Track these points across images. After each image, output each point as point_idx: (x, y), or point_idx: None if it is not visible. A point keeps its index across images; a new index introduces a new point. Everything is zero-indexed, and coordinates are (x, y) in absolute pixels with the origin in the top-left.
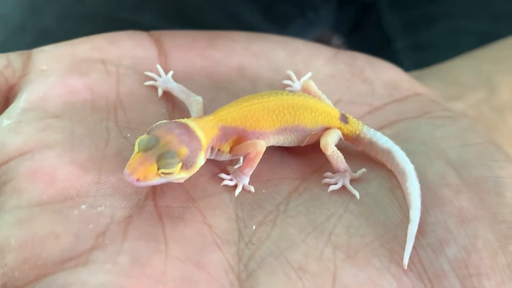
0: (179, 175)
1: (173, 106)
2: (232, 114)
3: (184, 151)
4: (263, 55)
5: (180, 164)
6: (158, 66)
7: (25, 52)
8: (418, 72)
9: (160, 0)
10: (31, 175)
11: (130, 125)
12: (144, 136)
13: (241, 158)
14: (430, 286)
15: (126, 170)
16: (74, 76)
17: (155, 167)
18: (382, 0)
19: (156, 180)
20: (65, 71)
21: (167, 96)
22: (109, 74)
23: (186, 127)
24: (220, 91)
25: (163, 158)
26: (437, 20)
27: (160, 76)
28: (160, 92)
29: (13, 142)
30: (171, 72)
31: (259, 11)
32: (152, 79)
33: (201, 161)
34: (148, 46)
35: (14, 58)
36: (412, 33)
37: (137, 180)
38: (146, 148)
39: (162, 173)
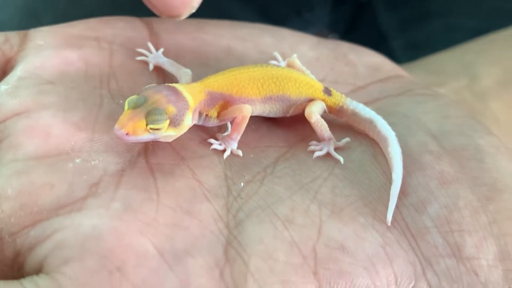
0: (167, 132)
1: (164, 79)
2: (219, 81)
3: (172, 109)
4: (250, 39)
5: (168, 121)
6: (149, 44)
7: (22, 31)
8: (403, 65)
9: None
10: (27, 132)
11: (122, 93)
12: (133, 96)
13: (229, 127)
14: (413, 241)
15: (116, 125)
16: (68, 49)
17: (144, 122)
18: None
19: (145, 136)
20: (60, 45)
21: (158, 70)
22: (102, 49)
23: (173, 89)
24: (208, 69)
25: (151, 115)
26: (432, 17)
27: (151, 52)
28: (151, 67)
29: (11, 103)
30: (161, 49)
31: (255, 11)
32: (144, 55)
33: (188, 120)
34: (140, 28)
35: (12, 35)
36: (408, 31)
37: (127, 134)
38: (135, 106)
39: (151, 128)
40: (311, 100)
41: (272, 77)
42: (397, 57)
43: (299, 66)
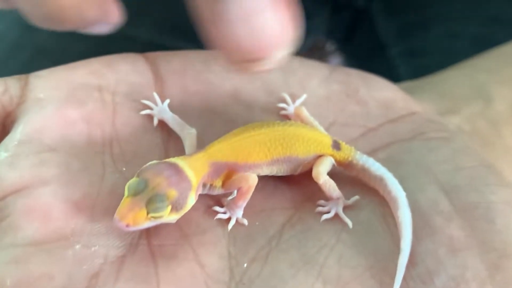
0: (169, 217)
1: (169, 135)
2: (223, 150)
3: (173, 193)
4: (258, 77)
5: (170, 207)
6: (155, 94)
7: (22, 76)
8: (413, 83)
9: (155, 13)
10: (27, 213)
11: (125, 157)
12: (133, 180)
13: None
14: None
15: (116, 216)
16: (70, 107)
17: (145, 211)
18: (376, 6)
19: (146, 224)
20: (62, 100)
21: (163, 125)
22: (105, 103)
23: (175, 168)
24: (215, 117)
25: (152, 203)
26: (431, 24)
27: (156, 105)
28: (155, 122)
29: (10, 177)
30: (167, 101)
31: None
32: (149, 107)
33: (191, 201)
34: (144, 71)
35: (12, 84)
36: (406, 38)
37: (127, 225)
38: (136, 193)
39: (152, 217)
40: (319, 156)
41: (279, 139)
42: (396, 64)
43: (307, 117)
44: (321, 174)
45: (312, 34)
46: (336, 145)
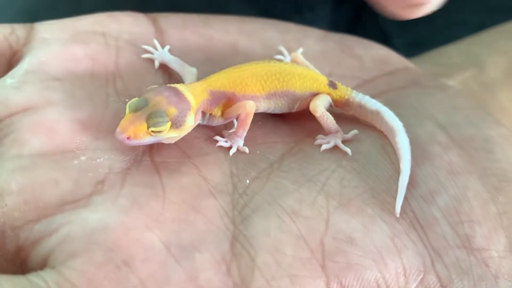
0: (169, 134)
1: (170, 77)
2: (221, 80)
3: (173, 110)
4: (256, 34)
5: (169, 123)
6: (155, 41)
7: (28, 24)
8: (410, 59)
9: (156, 7)
10: (33, 128)
11: (128, 92)
12: (134, 99)
13: (236, 124)
14: (422, 232)
15: (118, 129)
16: (75, 45)
17: (145, 125)
18: None
19: (147, 139)
20: (67, 40)
21: (164, 68)
22: (108, 46)
23: (175, 90)
24: (214, 66)
25: (152, 117)
26: (434, 14)
27: (157, 49)
28: (156, 64)
29: (17, 98)
30: (167, 47)
31: (256, 10)
32: (149, 52)
33: (190, 121)
34: (145, 24)
35: (18, 27)
36: (410, 29)
37: (128, 138)
38: (136, 109)
39: (152, 131)
40: (316, 94)
41: (276, 73)
42: (401, 55)
43: (303, 61)
44: (318, 106)
45: (315, 25)
46: (332, 84)
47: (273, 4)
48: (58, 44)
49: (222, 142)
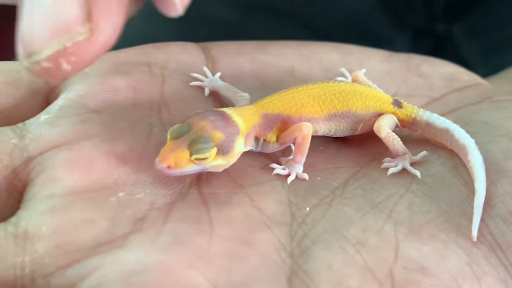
0: (215, 161)
1: (222, 105)
2: (274, 102)
3: (219, 135)
4: (315, 57)
5: (215, 149)
6: (205, 68)
7: None
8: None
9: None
10: (66, 164)
11: (174, 121)
12: (176, 125)
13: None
14: (503, 256)
15: (157, 159)
16: (116, 76)
17: (187, 153)
18: (457, 29)
19: (190, 168)
20: (108, 72)
21: (215, 96)
22: (153, 75)
23: (222, 114)
24: (269, 91)
25: (195, 143)
26: None
27: (207, 77)
28: (207, 92)
29: (50, 134)
30: (218, 73)
31: None
32: (199, 80)
33: (239, 146)
34: (195, 52)
35: None
36: (492, 58)
37: (168, 167)
38: (178, 136)
39: (196, 159)
40: (380, 114)
41: (335, 93)
42: None
43: (365, 80)
44: (383, 127)
45: None
46: (397, 103)
47: (349, 39)
48: (97, 76)
49: (279, 169)
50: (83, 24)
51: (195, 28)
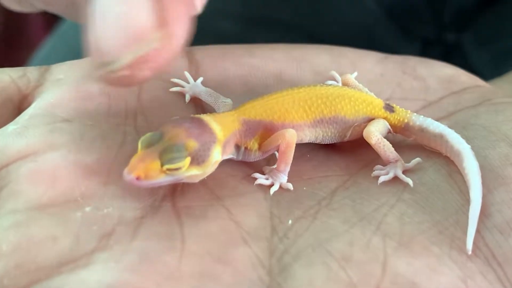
0: (189, 172)
1: (203, 111)
2: (256, 107)
3: (193, 144)
4: (305, 60)
5: (189, 158)
6: (186, 73)
7: (44, 66)
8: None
9: None
10: (31, 177)
11: (151, 129)
12: (148, 134)
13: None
14: (500, 270)
15: (125, 170)
16: (90, 82)
17: (158, 163)
18: (466, 37)
19: (162, 179)
20: (81, 78)
21: (196, 102)
22: None
23: (198, 121)
24: (255, 96)
25: (166, 153)
26: None
27: (188, 82)
28: (187, 98)
29: (16, 145)
30: (200, 79)
31: None
32: (179, 85)
33: (216, 155)
34: (178, 57)
35: (31, 70)
36: (501, 66)
37: (137, 178)
38: (149, 145)
39: (168, 169)
40: (371, 119)
41: (322, 97)
42: None
43: (355, 84)
44: (373, 133)
45: None
46: (389, 108)
47: (358, 47)
48: (71, 82)
49: (261, 179)
50: (157, 30)
51: (196, 40)
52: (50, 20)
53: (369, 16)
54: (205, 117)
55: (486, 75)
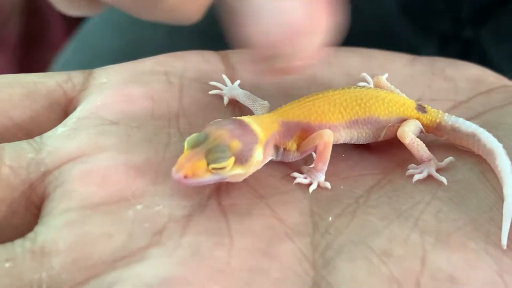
0: (233, 171)
1: (241, 113)
2: (294, 109)
3: (237, 144)
4: (337, 63)
5: (233, 158)
6: (224, 76)
7: (87, 70)
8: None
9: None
10: (83, 178)
11: (193, 131)
12: (193, 135)
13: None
14: None
15: (174, 168)
16: (133, 86)
17: (204, 162)
18: (484, 34)
19: (208, 178)
20: (125, 82)
21: (234, 104)
22: (171, 84)
23: (240, 122)
24: (289, 98)
25: (212, 153)
26: None
27: (226, 85)
28: (225, 100)
29: (67, 147)
30: (237, 81)
31: None
32: (218, 88)
33: (258, 155)
34: (214, 60)
35: (75, 74)
36: None
37: (185, 177)
38: (195, 145)
39: (213, 168)
40: (403, 120)
41: (356, 99)
42: None
43: (387, 85)
44: (407, 133)
45: None
46: (421, 108)
47: (373, 47)
48: (115, 86)
49: (300, 178)
50: (310, 26)
51: (217, 41)
52: (71, 23)
53: (386, 13)
54: (246, 119)
55: (505, 71)
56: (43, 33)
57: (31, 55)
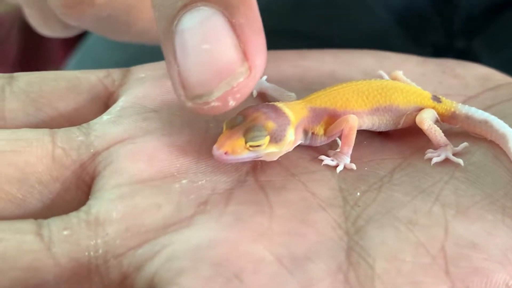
0: (268, 149)
1: None
2: (321, 97)
3: (271, 124)
4: (353, 62)
5: (268, 137)
6: None
7: (124, 68)
8: None
9: None
10: (131, 157)
11: (227, 117)
12: (232, 117)
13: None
14: None
15: (215, 146)
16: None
17: (243, 140)
18: (476, 44)
19: (246, 154)
20: (163, 76)
21: (262, 97)
22: None
23: (273, 106)
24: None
25: (250, 131)
26: None
27: None
28: (254, 93)
29: (113, 131)
30: (265, 77)
31: None
32: None
33: (290, 135)
34: None
35: (114, 71)
36: None
37: (226, 153)
38: (233, 125)
39: (251, 146)
40: (420, 109)
41: (377, 88)
42: None
43: (404, 79)
44: (425, 119)
45: None
46: (436, 99)
47: None
48: (154, 80)
49: (328, 160)
50: (242, 64)
51: None
52: (70, 39)
53: (380, 24)
54: (279, 104)
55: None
56: (43, 49)
57: (31, 70)
